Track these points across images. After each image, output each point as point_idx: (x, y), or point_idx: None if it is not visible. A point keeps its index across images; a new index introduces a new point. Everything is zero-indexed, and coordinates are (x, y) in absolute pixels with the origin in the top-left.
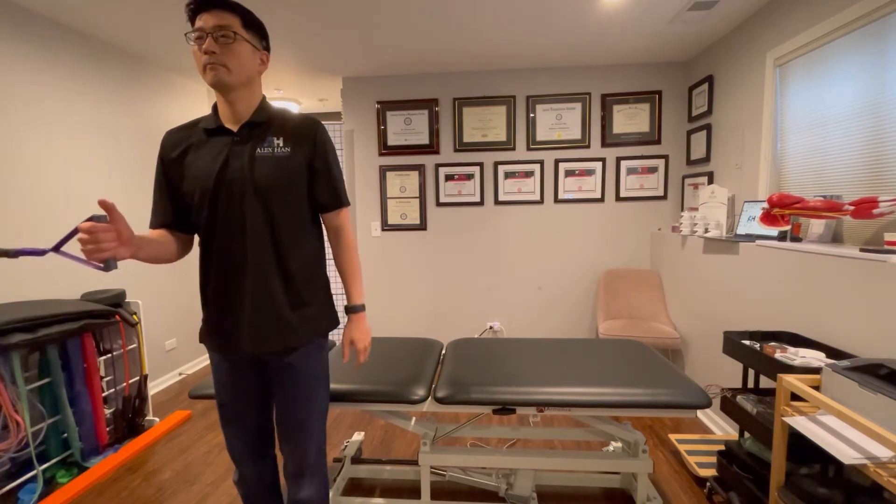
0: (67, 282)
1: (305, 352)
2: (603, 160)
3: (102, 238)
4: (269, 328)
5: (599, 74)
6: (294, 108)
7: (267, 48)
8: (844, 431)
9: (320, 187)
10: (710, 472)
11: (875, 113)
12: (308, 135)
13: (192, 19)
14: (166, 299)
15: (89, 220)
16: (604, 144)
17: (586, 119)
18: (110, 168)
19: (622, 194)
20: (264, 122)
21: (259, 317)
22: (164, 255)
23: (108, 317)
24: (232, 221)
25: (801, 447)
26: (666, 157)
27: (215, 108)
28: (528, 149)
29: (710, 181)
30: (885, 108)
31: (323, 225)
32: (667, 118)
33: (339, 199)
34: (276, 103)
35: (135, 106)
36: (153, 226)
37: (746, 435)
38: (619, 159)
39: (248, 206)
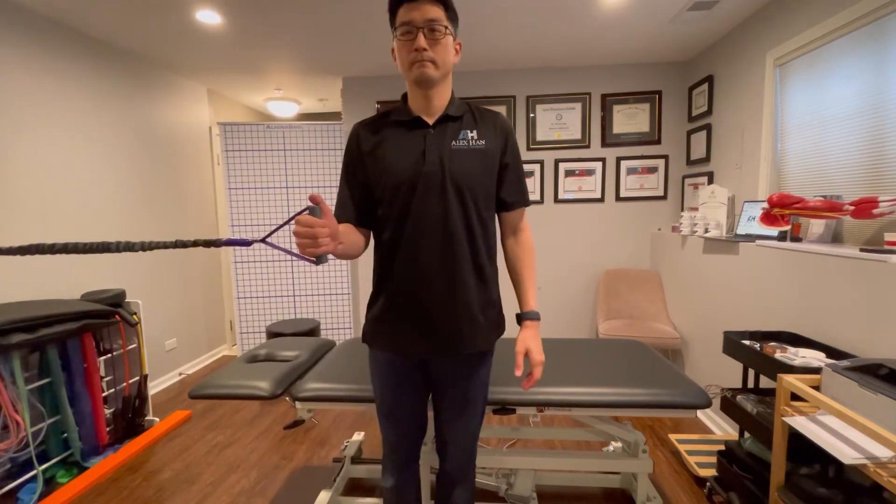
0: (67, 282)
1: (488, 355)
2: (603, 160)
3: (320, 233)
4: (462, 330)
5: (599, 74)
6: (293, 109)
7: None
8: (844, 431)
9: (508, 184)
10: (710, 472)
11: (875, 113)
12: (501, 129)
13: (393, 9)
14: (166, 299)
15: (304, 211)
16: (604, 144)
17: (586, 119)
18: (110, 167)
19: (622, 194)
20: (458, 115)
21: (452, 318)
22: (355, 250)
23: (108, 317)
24: (426, 216)
25: (801, 447)
26: (666, 157)
27: (405, 98)
28: (528, 149)
29: (710, 181)
30: (885, 108)
31: (499, 223)
32: (667, 118)
33: (525, 198)
34: (276, 103)
35: (134, 105)
36: (339, 220)
37: (746, 435)
38: (619, 159)
39: (445, 201)
